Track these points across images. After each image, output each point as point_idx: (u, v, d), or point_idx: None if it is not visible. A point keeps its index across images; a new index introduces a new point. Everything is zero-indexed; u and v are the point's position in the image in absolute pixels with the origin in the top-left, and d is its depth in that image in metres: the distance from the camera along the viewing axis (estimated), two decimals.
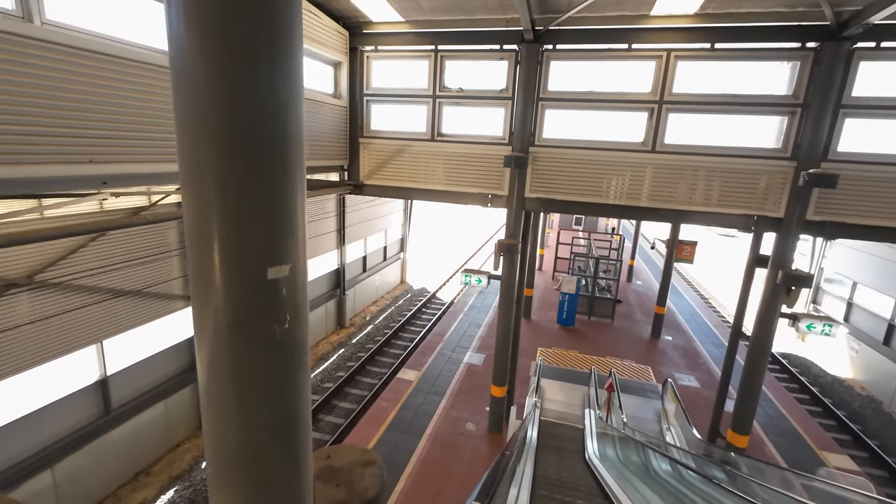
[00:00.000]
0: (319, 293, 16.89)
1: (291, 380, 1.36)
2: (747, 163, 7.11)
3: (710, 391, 11.76)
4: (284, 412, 1.36)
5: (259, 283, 1.22)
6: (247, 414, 1.29)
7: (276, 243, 1.24)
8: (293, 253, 1.29)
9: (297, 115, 1.21)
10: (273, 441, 1.35)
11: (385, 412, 9.97)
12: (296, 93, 1.20)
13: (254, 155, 1.16)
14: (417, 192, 8.90)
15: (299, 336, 1.36)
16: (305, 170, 1.36)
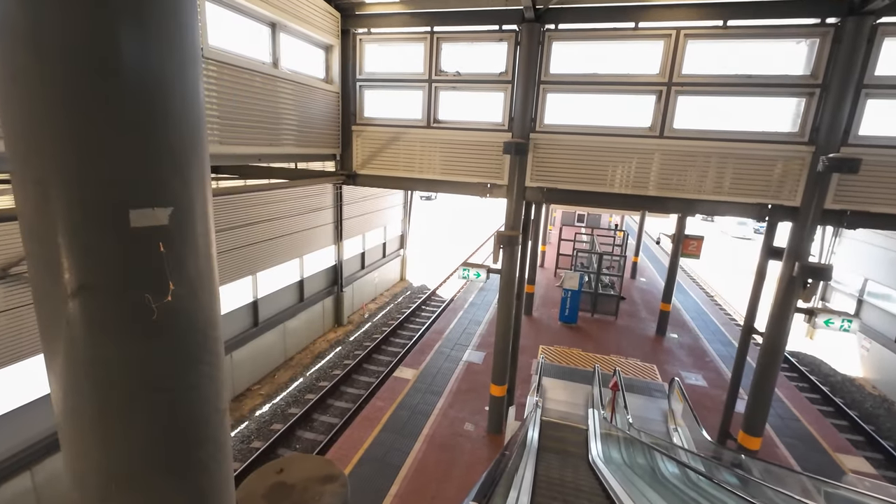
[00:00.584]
0: (317, 290, 16.52)
1: (185, 379, 0.97)
2: (762, 148, 6.69)
3: (718, 391, 11.34)
4: (174, 425, 0.97)
5: (117, 232, 0.83)
6: (110, 428, 0.90)
7: (146, 174, 0.85)
8: (180, 194, 0.90)
9: None
10: (156, 468, 0.96)
11: (380, 412, 9.59)
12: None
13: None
14: (413, 182, 8.51)
15: (197, 316, 0.97)
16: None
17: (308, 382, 13.30)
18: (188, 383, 0.97)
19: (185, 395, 0.97)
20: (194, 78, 0.90)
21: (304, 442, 10.51)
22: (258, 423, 11.18)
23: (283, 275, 14.42)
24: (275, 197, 13.29)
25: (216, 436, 1.06)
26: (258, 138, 6.41)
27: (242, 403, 12.35)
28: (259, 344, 13.51)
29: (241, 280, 12.43)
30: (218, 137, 5.64)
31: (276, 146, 6.80)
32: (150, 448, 0.93)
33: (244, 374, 12.97)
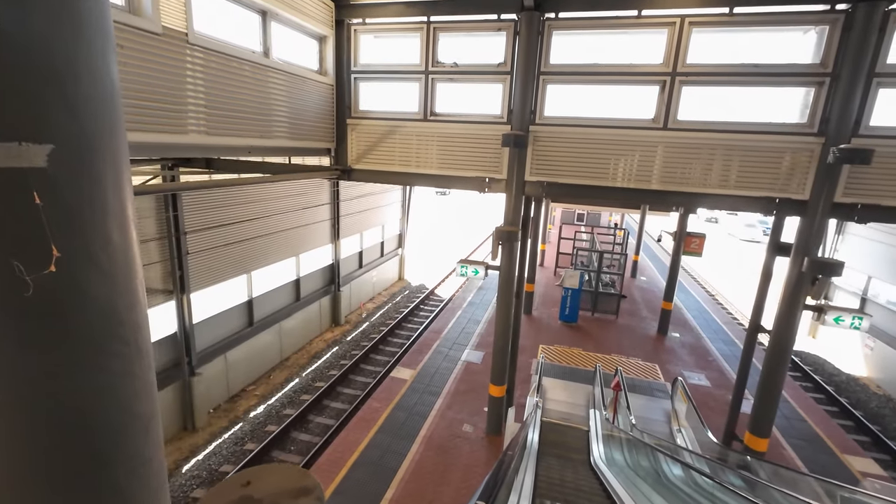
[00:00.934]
0: (313, 289, 16.29)
1: (86, 378, 0.74)
2: (769, 140, 6.48)
3: (722, 391, 11.12)
4: (69, 438, 0.74)
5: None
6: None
7: (6, 94, 0.62)
8: (66, 127, 0.67)
9: None
10: (43, 494, 0.73)
11: (376, 413, 9.36)
12: None
13: None
14: (409, 176, 8.28)
15: (100, 292, 0.74)
16: None
17: (304, 383, 13.06)
18: (91, 383, 0.75)
19: (87, 398, 0.74)
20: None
21: (299, 444, 10.27)
22: (252, 425, 10.94)
23: (278, 273, 14.19)
24: (270, 194, 13.07)
25: (137, 449, 0.83)
26: (248, 129, 6.18)
27: (237, 404, 12.12)
28: (254, 344, 13.28)
29: (235, 278, 12.20)
30: (205, 127, 5.41)
31: (267, 138, 6.58)
32: (33, 469, 0.71)
33: (239, 374, 12.74)
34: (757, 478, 6.45)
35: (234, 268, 12.09)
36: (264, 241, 13.16)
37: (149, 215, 9.36)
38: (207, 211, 10.84)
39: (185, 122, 5.14)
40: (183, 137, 5.15)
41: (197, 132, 5.31)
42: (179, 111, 5.03)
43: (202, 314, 11.17)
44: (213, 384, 11.76)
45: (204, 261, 10.96)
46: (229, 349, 12.28)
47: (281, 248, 14.02)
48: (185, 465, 9.65)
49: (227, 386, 12.31)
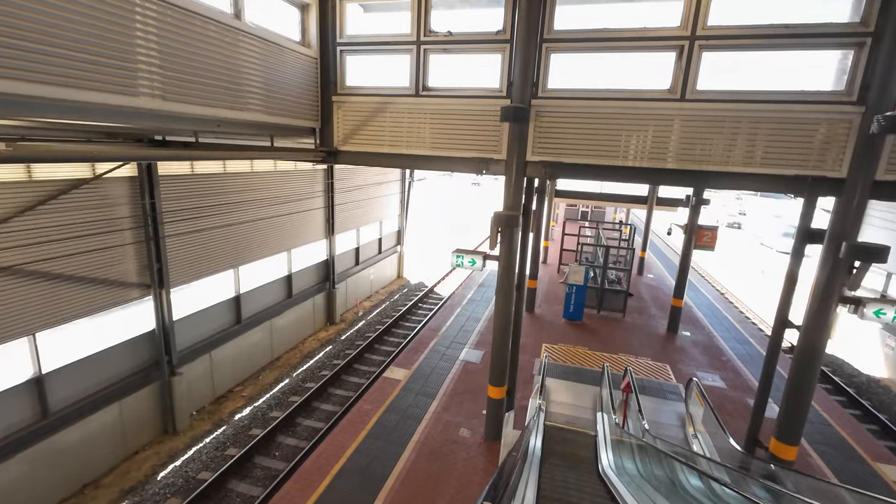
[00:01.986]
0: (307, 286, 15.63)
1: None
2: (801, 110, 5.76)
3: (739, 392, 10.37)
4: None
5: None
6: None
7: None
8: None
9: None
10: None
11: (366, 416, 8.67)
12: None
13: None
14: (401, 158, 7.60)
15: None
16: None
17: (294, 384, 12.40)
18: None
19: None
20: None
21: (285, 448, 9.59)
22: (236, 428, 10.27)
23: (269, 269, 13.53)
24: (258, 185, 12.42)
25: None
26: (216, 99, 5.51)
27: (222, 406, 11.47)
28: (242, 343, 12.63)
29: (220, 273, 11.55)
30: (161, 91, 4.75)
31: (239, 111, 5.91)
32: None
33: (225, 374, 12.08)
34: (785, 489, 5.70)
35: (220, 262, 11.44)
36: (253, 234, 12.51)
37: (122, 202, 8.72)
38: (189, 200, 10.20)
39: (135, 83, 4.48)
40: (132, 100, 4.49)
41: (150, 95, 4.64)
42: (127, 68, 4.36)
43: (184, 310, 10.53)
44: (197, 385, 11.11)
45: (186, 254, 10.31)
46: (215, 348, 11.63)
47: (271, 242, 13.37)
48: (163, 471, 8.99)
49: (212, 387, 11.66)
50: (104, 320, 8.72)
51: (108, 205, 8.46)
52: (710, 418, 7.90)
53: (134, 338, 9.42)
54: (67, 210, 7.77)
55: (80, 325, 8.28)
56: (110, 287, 8.70)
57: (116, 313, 8.94)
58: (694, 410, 8.71)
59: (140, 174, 8.94)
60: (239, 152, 6.71)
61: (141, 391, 9.66)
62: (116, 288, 8.83)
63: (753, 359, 12.23)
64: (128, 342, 9.30)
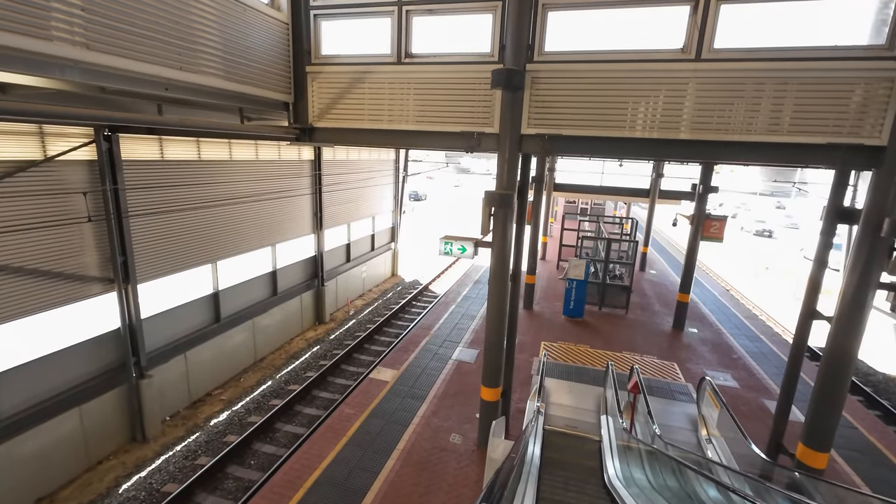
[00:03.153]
0: (293, 283, 14.85)
1: None
2: (834, 68, 5.03)
3: (753, 393, 9.63)
4: None
5: None
6: None
7: None
8: None
9: None
10: None
11: (348, 422, 7.90)
12: None
13: None
14: (382, 135, 6.86)
15: None
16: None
17: (276, 386, 11.61)
18: None
19: None
20: None
21: (261, 457, 8.81)
22: (210, 435, 9.48)
23: (251, 265, 12.76)
24: (238, 175, 11.66)
25: None
26: (161, 55, 4.76)
27: (198, 411, 10.67)
28: (222, 343, 11.84)
29: (196, 268, 10.78)
30: (84, 37, 3.99)
31: (190, 72, 5.16)
32: None
33: (203, 376, 11.29)
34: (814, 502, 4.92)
35: (195, 256, 10.67)
36: (233, 228, 11.74)
37: (80, 187, 7.95)
38: (159, 189, 9.43)
39: (48, 24, 3.72)
40: (46, 45, 3.73)
41: (69, 41, 3.88)
42: (35, 3, 3.60)
43: (154, 308, 9.74)
44: (170, 388, 10.32)
45: (155, 247, 9.54)
46: (190, 348, 10.85)
47: (253, 236, 12.60)
48: (126, 482, 8.20)
49: (187, 390, 10.87)
50: (60, 318, 7.94)
51: (63, 191, 7.69)
52: (727, 421, 7.15)
53: (96, 337, 8.63)
54: (12, 196, 6.99)
55: (31, 323, 7.50)
56: (66, 281, 7.92)
57: (75, 310, 8.16)
58: (707, 412, 7.96)
59: (100, 157, 8.17)
60: (202, 126, 5.94)
61: (104, 395, 8.86)
62: (74, 282, 8.06)
63: (766, 357, 11.49)
64: (89, 342, 8.51)
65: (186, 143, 10.03)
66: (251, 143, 12.08)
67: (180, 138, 9.77)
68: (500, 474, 4.30)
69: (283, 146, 13.45)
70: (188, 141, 10.06)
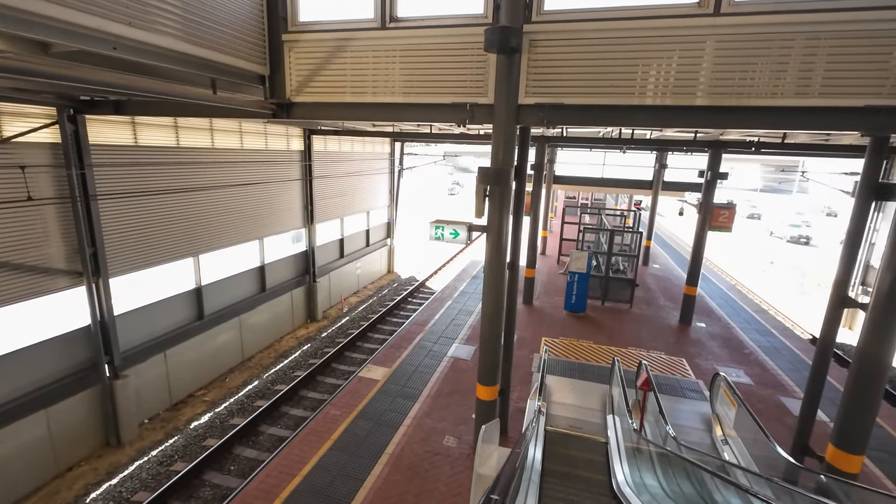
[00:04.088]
0: (283, 279, 14.25)
1: None
2: (873, 19, 4.42)
3: (769, 389, 9.04)
4: None
5: None
6: None
7: None
8: None
9: None
10: None
11: (333, 423, 7.30)
12: None
13: None
14: (366, 108, 6.26)
15: None
16: None
17: (262, 386, 11.01)
18: None
19: None
20: None
21: (242, 462, 8.20)
22: (188, 439, 8.88)
23: (237, 259, 12.16)
24: (221, 164, 11.06)
25: None
26: (103, 4, 4.15)
27: (180, 413, 10.07)
28: (206, 341, 11.24)
29: (176, 261, 10.18)
30: None
31: (142, 29, 4.54)
32: None
33: (185, 376, 10.69)
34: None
35: (175, 249, 10.07)
36: (217, 219, 11.14)
37: (42, 170, 7.35)
38: (133, 177, 8.82)
39: None
40: None
41: None
42: None
43: (129, 303, 9.14)
44: (148, 389, 9.72)
45: (130, 238, 8.94)
46: (171, 347, 10.25)
47: (239, 229, 12.00)
48: (96, 490, 7.60)
49: (168, 391, 10.26)
50: (23, 313, 7.34)
51: (22, 175, 7.08)
52: (745, 421, 6.55)
53: (63, 335, 8.03)
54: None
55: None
56: (29, 274, 7.32)
57: (40, 305, 7.56)
58: (722, 411, 7.36)
59: (64, 140, 7.56)
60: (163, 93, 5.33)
61: (74, 397, 8.26)
62: (37, 275, 7.46)
63: (780, 352, 10.89)
64: (55, 340, 7.91)
65: (162, 128, 9.43)
66: (234, 131, 11.49)
67: (154, 121, 9.17)
68: (499, 480, 3.72)
69: (270, 135, 12.85)
70: (164, 125, 9.46)
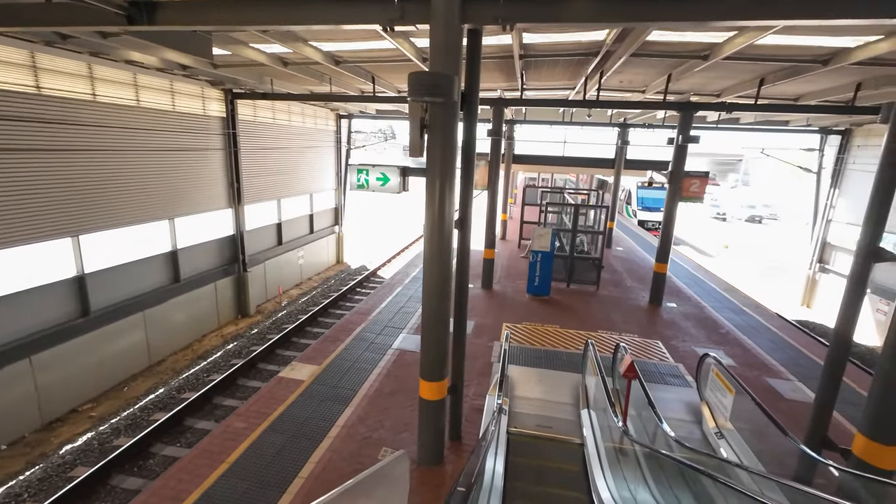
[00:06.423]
0: (203, 268, 12.14)
1: None
2: None
3: (754, 371, 8.09)
4: None
5: None
6: None
7: None
8: None
9: None
10: None
11: (235, 440, 5.56)
12: None
13: None
14: (257, 7, 4.55)
15: None
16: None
17: (167, 395, 9.01)
18: None
19: None
20: None
21: (118, 496, 6.29)
22: (51, 469, 6.82)
23: (138, 242, 10.02)
24: (107, 123, 8.92)
25: None
26: None
27: (54, 434, 7.95)
28: (96, 342, 9.10)
29: (46, 242, 8.02)
30: None
31: None
32: None
33: (65, 387, 8.52)
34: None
35: (43, 225, 7.91)
36: (105, 192, 9.01)
37: None
38: None
39: None
40: None
41: None
42: None
43: None
44: (7, 406, 7.55)
45: None
46: (41, 350, 8.08)
47: (139, 205, 9.87)
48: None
49: (37, 407, 8.09)
50: None
51: None
52: (749, 410, 5.40)
53: None
54: None
55: None
56: None
57: None
58: (714, 398, 6.21)
59: None
60: None
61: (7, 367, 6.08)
62: None
63: (757, 330, 10.07)
64: None
65: (15, 67, 7.26)
66: (128, 83, 9.34)
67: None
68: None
69: (179, 94, 10.72)
70: (17, 63, 7.29)
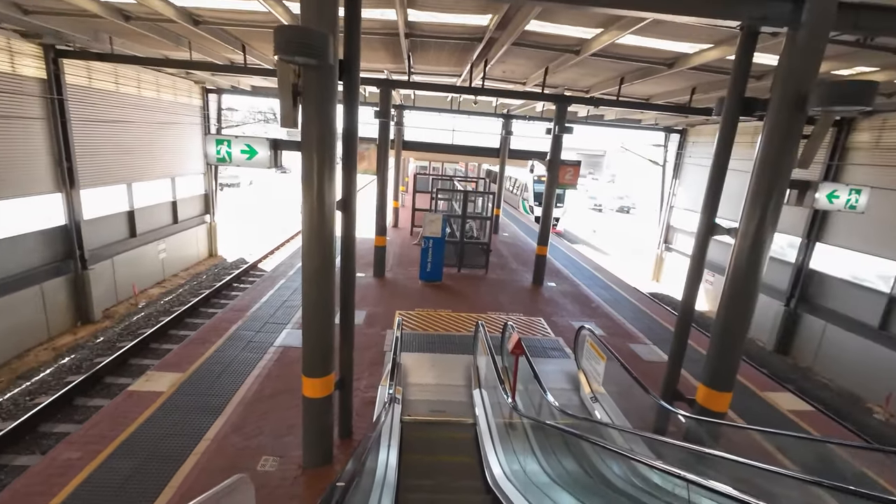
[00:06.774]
0: (19, 267, 9.77)
1: None
2: None
3: (619, 339, 9.11)
4: None
5: None
6: None
7: None
8: None
9: None
10: None
11: (65, 474, 4.49)
12: None
13: None
14: None
15: None
16: None
17: None
18: None
19: None
20: None
21: None
22: None
23: None
24: None
25: None
26: None
27: None
28: None
29: None
30: None
31: None
32: None
33: None
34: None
35: None
36: None
37: None
38: None
39: None
40: None
41: None
42: None
43: None
44: None
45: None
46: None
47: None
48: None
49: None
50: None
51: None
52: (613, 373, 5.98)
53: None
54: None
55: None
56: None
57: None
58: (589, 366, 6.78)
59: None
60: None
61: None
62: None
63: (620, 303, 11.38)
64: None
65: None
66: None
67: None
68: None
69: None
70: None
